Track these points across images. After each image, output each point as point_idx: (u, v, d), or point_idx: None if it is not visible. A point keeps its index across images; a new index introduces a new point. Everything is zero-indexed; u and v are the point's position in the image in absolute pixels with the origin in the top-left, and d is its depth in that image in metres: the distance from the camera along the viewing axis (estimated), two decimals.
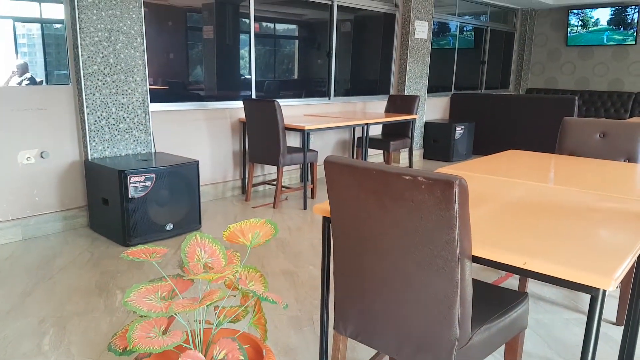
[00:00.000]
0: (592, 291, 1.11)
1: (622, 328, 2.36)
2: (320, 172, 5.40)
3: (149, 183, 3.20)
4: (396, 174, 1.22)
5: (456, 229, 1.18)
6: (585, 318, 2.44)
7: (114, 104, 3.57)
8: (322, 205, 1.62)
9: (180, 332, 1.24)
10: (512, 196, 1.75)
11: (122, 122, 3.64)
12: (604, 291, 1.12)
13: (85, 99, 3.44)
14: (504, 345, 1.72)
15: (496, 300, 1.52)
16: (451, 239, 1.19)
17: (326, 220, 1.66)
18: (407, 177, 1.20)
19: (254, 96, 4.73)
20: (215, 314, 1.46)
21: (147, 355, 1.31)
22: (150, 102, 3.85)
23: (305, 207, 4.28)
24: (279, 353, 2.09)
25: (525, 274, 1.19)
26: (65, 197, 3.56)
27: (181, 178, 3.40)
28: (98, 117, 3.52)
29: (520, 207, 1.61)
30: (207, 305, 1.20)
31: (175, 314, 1.29)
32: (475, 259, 1.29)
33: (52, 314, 2.38)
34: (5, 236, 3.30)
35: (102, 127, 3.54)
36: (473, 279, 1.30)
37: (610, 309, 2.51)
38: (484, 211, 1.57)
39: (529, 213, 1.55)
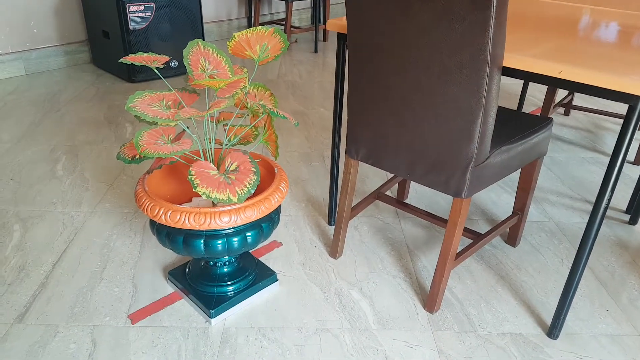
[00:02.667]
0: (632, 100, 1.03)
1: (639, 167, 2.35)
2: (332, 12, 5.06)
3: (149, 13, 2.99)
4: None
5: (490, 32, 1.06)
6: (602, 157, 2.41)
7: None
8: (336, 21, 1.48)
9: (190, 140, 1.20)
10: (548, 15, 1.59)
11: None
12: None
13: None
14: (519, 171, 1.71)
15: (519, 123, 1.45)
16: (483, 44, 1.07)
17: (341, 39, 1.53)
18: None
19: None
20: (225, 132, 1.41)
21: (159, 167, 1.29)
22: None
23: (316, 50, 4.08)
24: (289, 184, 2.11)
25: (561, 85, 1.10)
26: (65, 30, 3.38)
27: (183, 10, 3.17)
28: None
29: (556, 24, 1.46)
30: (216, 119, 1.13)
31: (181, 122, 1.23)
32: (507, 71, 1.19)
33: (63, 142, 2.37)
34: (9, 70, 3.20)
35: None
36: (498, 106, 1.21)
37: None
38: (518, 25, 1.42)
39: (565, 30, 1.40)
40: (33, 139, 2.40)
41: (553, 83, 1.11)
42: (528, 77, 1.14)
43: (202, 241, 1.26)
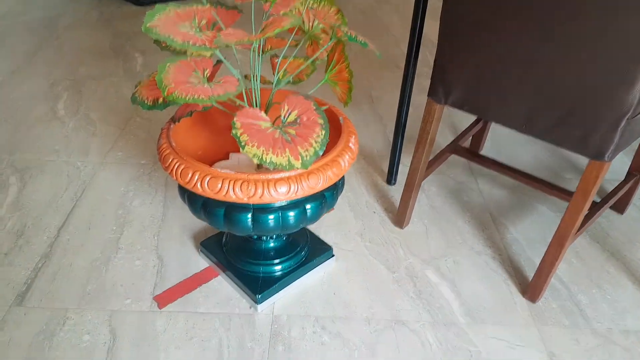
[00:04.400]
0: None
1: None
2: None
3: None
4: None
5: None
6: None
7: None
8: None
9: (235, 79, 0.86)
10: None
11: None
12: None
13: None
14: None
15: None
16: None
17: None
18: None
19: None
20: (277, 67, 1.06)
21: (188, 114, 0.96)
22: None
23: None
24: None
25: None
26: None
27: None
28: None
29: None
30: (262, 47, 0.78)
31: (217, 51, 0.89)
32: None
33: (64, 76, 2.02)
34: None
35: None
36: None
37: None
38: None
39: None
40: (29, 71, 2.05)
41: None
42: None
43: (249, 215, 0.95)
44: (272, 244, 1.14)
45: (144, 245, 1.25)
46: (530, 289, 1.15)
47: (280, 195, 0.89)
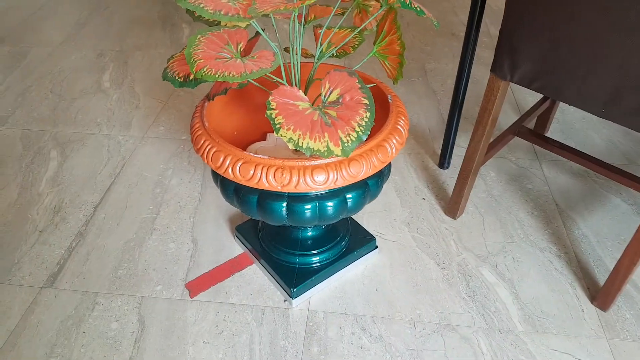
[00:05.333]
0: None
1: None
2: None
3: None
4: None
5: None
6: None
7: None
8: None
9: (271, 54, 0.76)
10: None
11: None
12: None
13: None
14: None
15: None
16: None
17: None
18: None
19: None
20: (320, 39, 0.95)
21: (223, 91, 0.87)
22: None
23: None
24: None
25: None
26: None
27: None
28: None
29: None
30: (305, 17, 0.67)
31: (255, 22, 0.79)
32: None
33: (111, 47, 1.99)
34: None
35: None
36: None
37: None
38: None
39: None
40: (77, 42, 2.03)
41: None
42: None
43: (283, 204, 0.86)
44: (309, 233, 1.05)
45: (180, 227, 1.20)
46: (601, 295, 1.01)
47: (317, 184, 0.80)
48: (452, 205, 1.21)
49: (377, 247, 1.12)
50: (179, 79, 0.84)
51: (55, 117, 1.58)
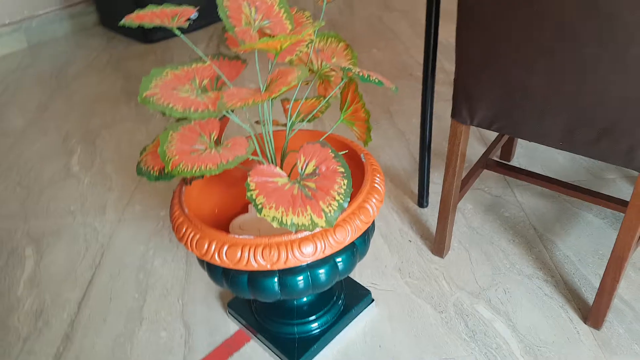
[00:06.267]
0: None
1: None
2: None
3: None
4: None
5: None
6: None
7: None
8: None
9: (245, 140, 0.78)
10: None
11: None
12: None
13: None
14: None
15: None
16: None
17: None
18: None
19: None
20: (289, 110, 0.98)
21: (200, 176, 0.88)
22: None
23: None
24: None
25: None
26: None
27: None
28: None
29: None
30: (280, 93, 0.70)
31: (229, 112, 0.81)
32: None
33: (77, 128, 1.99)
34: (9, 44, 2.79)
35: None
36: None
37: None
38: None
39: None
40: (41, 127, 2.02)
41: None
42: None
43: (275, 280, 0.87)
44: (304, 299, 1.05)
45: (169, 312, 1.18)
46: (592, 314, 1.04)
47: (306, 256, 0.81)
48: (438, 245, 1.24)
49: (373, 300, 1.12)
50: (154, 174, 0.85)
51: (25, 211, 1.55)
